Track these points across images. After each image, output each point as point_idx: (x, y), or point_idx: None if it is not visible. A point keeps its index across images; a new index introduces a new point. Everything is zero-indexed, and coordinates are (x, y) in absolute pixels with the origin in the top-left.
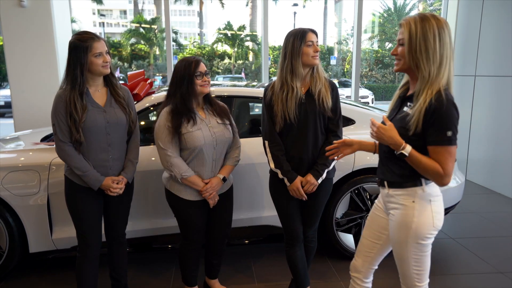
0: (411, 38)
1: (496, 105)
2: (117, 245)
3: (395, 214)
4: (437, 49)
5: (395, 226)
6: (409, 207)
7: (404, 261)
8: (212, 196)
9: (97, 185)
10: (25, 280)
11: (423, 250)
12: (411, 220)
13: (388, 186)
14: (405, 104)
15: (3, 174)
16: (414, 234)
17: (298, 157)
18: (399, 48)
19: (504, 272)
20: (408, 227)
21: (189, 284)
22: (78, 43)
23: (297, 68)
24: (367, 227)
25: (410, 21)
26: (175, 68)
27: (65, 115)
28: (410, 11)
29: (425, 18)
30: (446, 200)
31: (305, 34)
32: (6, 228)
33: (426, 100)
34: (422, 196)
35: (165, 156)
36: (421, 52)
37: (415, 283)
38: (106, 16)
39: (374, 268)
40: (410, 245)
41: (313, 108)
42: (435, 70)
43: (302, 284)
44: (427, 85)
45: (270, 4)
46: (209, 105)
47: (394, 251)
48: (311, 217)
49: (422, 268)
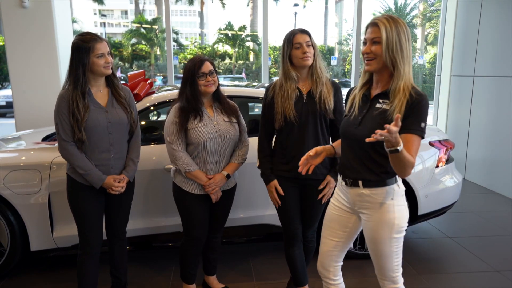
0: (388, 37)
1: (495, 105)
2: (117, 243)
3: (373, 214)
4: (408, 48)
5: (375, 226)
6: (389, 205)
7: (385, 257)
8: (214, 192)
9: (99, 183)
10: (26, 278)
11: (401, 241)
12: (393, 216)
13: (363, 186)
14: (375, 102)
15: (4, 173)
16: (396, 230)
17: (298, 158)
18: (372, 47)
19: (500, 270)
20: (391, 224)
21: (187, 281)
22: (80, 44)
23: (288, 72)
24: (326, 228)
25: (384, 20)
26: (184, 68)
27: (68, 114)
28: (411, 11)
29: (394, 19)
30: (444, 199)
31: (292, 37)
32: (8, 226)
33: (406, 94)
34: (398, 192)
35: (171, 150)
36: (397, 50)
37: (395, 274)
38: (107, 17)
39: (339, 264)
40: (392, 240)
41: (314, 109)
42: (408, 67)
43: (300, 282)
44: (402, 81)
45: (271, 4)
46: (218, 103)
47: (374, 249)
48: (311, 218)
49: (399, 258)
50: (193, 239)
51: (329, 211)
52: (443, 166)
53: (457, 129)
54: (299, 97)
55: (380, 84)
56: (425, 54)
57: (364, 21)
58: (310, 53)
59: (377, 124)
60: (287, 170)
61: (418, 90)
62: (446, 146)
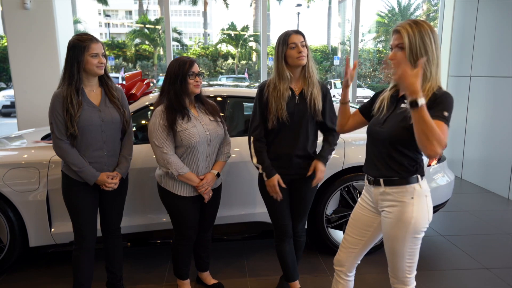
0: (411, 42)
1: (491, 105)
2: (112, 239)
3: (392, 211)
4: (434, 51)
5: (393, 223)
6: (408, 204)
7: (398, 256)
8: (207, 192)
9: (92, 180)
10: (25, 273)
11: (417, 244)
12: (411, 216)
13: (385, 184)
14: (401, 102)
15: (4, 171)
16: (412, 229)
17: (286, 156)
18: (398, 53)
19: (489, 268)
20: (408, 223)
21: (181, 277)
22: (76, 43)
23: (282, 72)
24: (351, 225)
25: (406, 26)
26: (169, 67)
27: (62, 111)
28: (415, 11)
29: (418, 23)
30: (436, 197)
31: (287, 37)
32: (7, 222)
33: (429, 94)
34: (420, 192)
35: (161, 154)
36: (422, 54)
37: (406, 275)
38: (111, 17)
39: (357, 263)
40: (407, 240)
41: (305, 109)
42: (435, 69)
43: (291, 277)
44: (429, 83)
45: (274, 4)
46: (200, 103)
47: (389, 246)
48: (300, 212)
49: (414, 261)
50: (185, 239)
51: (355, 210)
52: (436, 165)
53: (454, 128)
54: (291, 97)
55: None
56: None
57: (362, 22)
58: (305, 53)
59: (397, 122)
60: (277, 167)
61: (443, 90)
62: None
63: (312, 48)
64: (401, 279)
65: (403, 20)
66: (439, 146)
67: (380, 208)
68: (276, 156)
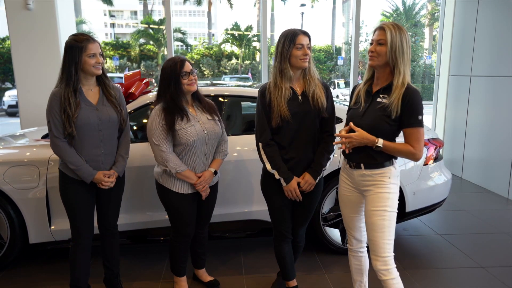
0: (392, 41)
1: (491, 105)
2: (109, 236)
3: (373, 189)
4: (408, 53)
5: (374, 199)
6: (386, 182)
7: (379, 230)
8: (204, 189)
9: (89, 178)
10: (25, 269)
11: (392, 218)
12: (388, 191)
13: (365, 168)
14: (376, 96)
15: (4, 169)
16: (390, 204)
17: (295, 158)
18: (377, 47)
19: (485, 266)
20: (386, 198)
21: (178, 274)
22: (73, 43)
23: (285, 70)
24: (344, 207)
25: (390, 26)
26: (162, 69)
27: (59, 111)
28: (419, 11)
29: (400, 27)
30: (433, 196)
31: (295, 36)
32: (8, 219)
33: (402, 90)
34: (395, 173)
35: (160, 152)
36: (399, 52)
37: (387, 254)
38: (116, 17)
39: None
40: (385, 213)
41: (308, 109)
42: (407, 68)
43: (288, 276)
44: (400, 79)
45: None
46: (198, 102)
47: (371, 222)
48: (303, 216)
49: (391, 239)
50: (183, 236)
51: (341, 193)
52: (432, 164)
53: (454, 128)
54: (294, 97)
55: (380, 80)
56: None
57: (367, 22)
58: (309, 56)
59: (378, 117)
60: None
61: (412, 86)
62: (435, 144)
63: (316, 48)
64: (382, 260)
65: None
66: (415, 155)
67: (361, 188)
68: (284, 160)
